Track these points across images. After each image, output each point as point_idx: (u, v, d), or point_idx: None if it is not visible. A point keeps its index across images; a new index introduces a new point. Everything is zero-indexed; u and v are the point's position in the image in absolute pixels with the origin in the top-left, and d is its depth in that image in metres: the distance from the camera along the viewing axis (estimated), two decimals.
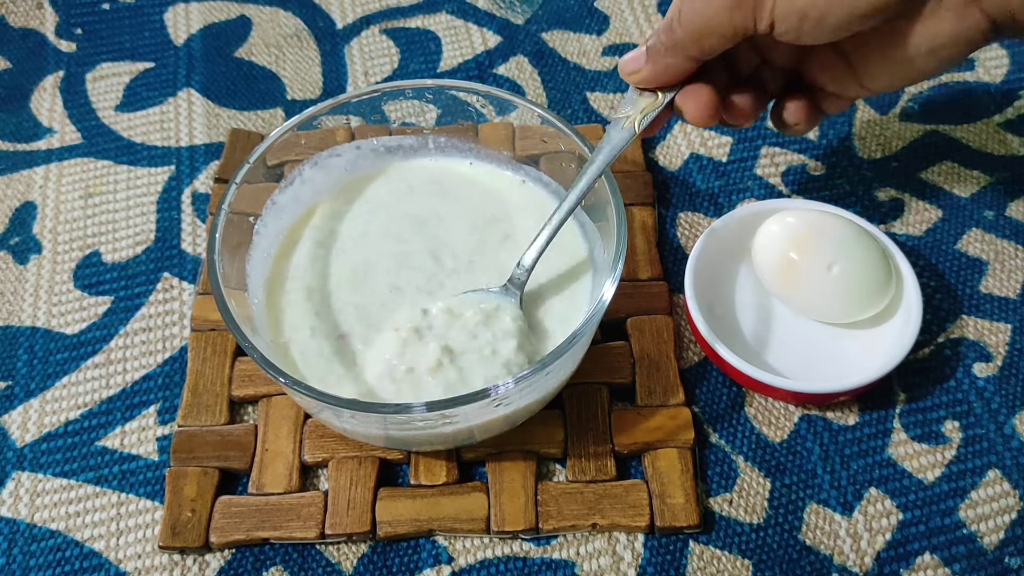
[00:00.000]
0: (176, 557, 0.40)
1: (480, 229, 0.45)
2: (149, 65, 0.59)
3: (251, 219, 0.43)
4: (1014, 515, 0.41)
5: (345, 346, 0.41)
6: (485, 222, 0.45)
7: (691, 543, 0.41)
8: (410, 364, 0.39)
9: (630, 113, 0.40)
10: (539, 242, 0.41)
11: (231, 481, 0.42)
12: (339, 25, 0.61)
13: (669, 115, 0.41)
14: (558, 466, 0.43)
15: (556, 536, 0.41)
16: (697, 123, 0.40)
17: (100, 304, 0.48)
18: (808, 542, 0.41)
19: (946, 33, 0.35)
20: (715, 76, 0.40)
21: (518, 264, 0.41)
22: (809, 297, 0.44)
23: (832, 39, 0.36)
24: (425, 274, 0.43)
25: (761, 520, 0.41)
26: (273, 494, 0.41)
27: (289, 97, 0.57)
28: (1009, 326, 0.47)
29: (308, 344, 0.41)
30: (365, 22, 0.61)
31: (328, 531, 0.40)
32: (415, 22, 0.61)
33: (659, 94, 0.40)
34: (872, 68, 0.38)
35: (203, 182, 0.53)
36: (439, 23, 0.61)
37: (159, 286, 0.49)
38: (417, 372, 0.39)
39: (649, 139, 0.55)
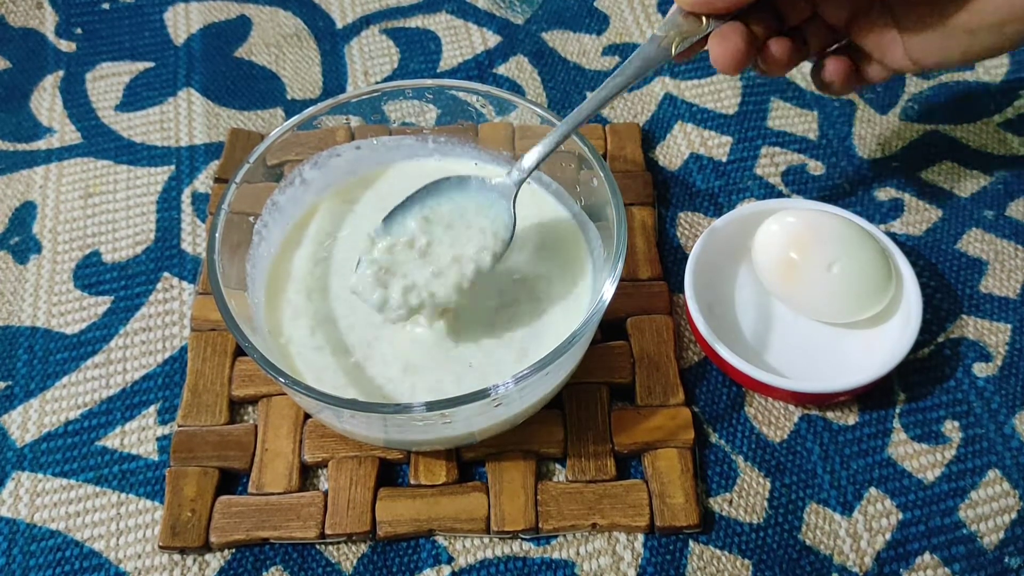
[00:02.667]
0: (176, 557, 0.40)
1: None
2: (149, 65, 0.59)
3: (251, 219, 0.43)
4: (1014, 515, 0.41)
5: (344, 346, 0.41)
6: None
7: (691, 543, 0.41)
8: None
9: (670, 33, 0.38)
10: (546, 143, 0.40)
11: (231, 481, 0.42)
12: (339, 25, 0.61)
13: (704, 45, 0.39)
14: (558, 466, 0.43)
15: (556, 536, 0.41)
16: (722, 67, 0.38)
17: (100, 304, 0.48)
18: (808, 542, 0.41)
19: (1019, 4, 0.31)
20: (758, 20, 0.38)
21: (519, 163, 0.41)
22: (809, 297, 0.44)
23: None
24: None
25: (761, 520, 0.41)
26: (273, 494, 0.41)
27: (289, 97, 0.57)
28: (1009, 326, 0.47)
29: (306, 343, 0.41)
30: (365, 22, 0.61)
31: (328, 531, 0.40)
32: (415, 22, 0.61)
33: (704, 20, 0.38)
34: (924, 38, 0.35)
35: (203, 182, 0.53)
36: (439, 23, 0.61)
37: (159, 286, 0.49)
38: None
39: (649, 139, 0.55)
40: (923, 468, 0.43)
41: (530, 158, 0.40)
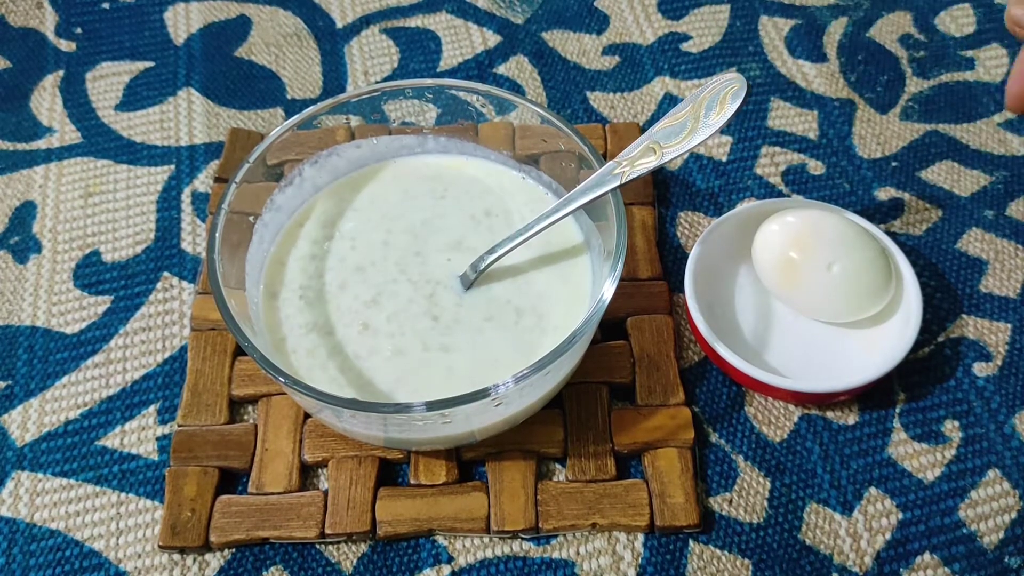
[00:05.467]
0: (176, 557, 0.40)
1: (479, 226, 0.45)
2: (149, 64, 0.59)
3: (251, 218, 0.43)
4: (1014, 515, 0.41)
5: (341, 345, 0.41)
6: (484, 219, 0.45)
7: (691, 543, 0.41)
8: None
9: (622, 162, 0.40)
10: (506, 246, 0.42)
11: (231, 481, 0.42)
12: (339, 24, 0.61)
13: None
14: (558, 466, 0.43)
15: (556, 536, 0.41)
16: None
17: (100, 304, 0.48)
18: (808, 542, 0.41)
19: None
20: None
21: (472, 264, 0.43)
22: (809, 297, 0.44)
23: None
24: (420, 271, 0.43)
25: (761, 520, 0.41)
26: (273, 494, 0.41)
27: (289, 97, 0.57)
28: (1009, 325, 0.47)
29: (300, 341, 0.41)
30: (365, 21, 0.61)
31: (328, 531, 0.40)
32: (415, 21, 0.61)
33: (657, 151, 0.40)
34: None
35: (203, 181, 0.53)
36: (439, 22, 0.61)
37: (159, 286, 0.49)
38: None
39: None
40: (923, 468, 0.43)
41: (487, 258, 0.42)
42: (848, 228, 0.44)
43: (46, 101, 0.57)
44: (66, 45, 0.60)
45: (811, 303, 0.44)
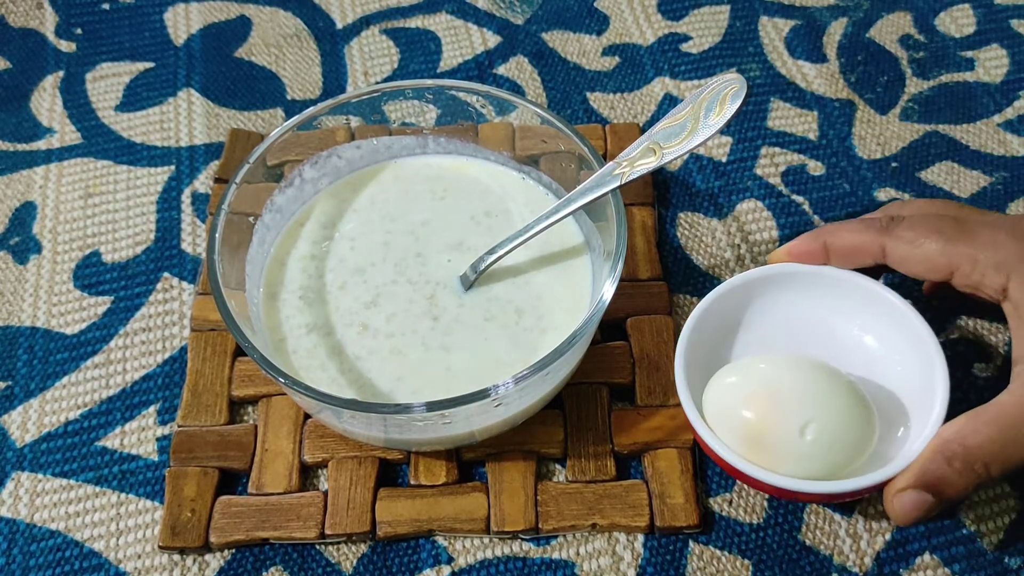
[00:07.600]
0: (176, 557, 0.40)
1: (479, 227, 0.45)
2: (149, 65, 0.59)
3: (251, 219, 0.43)
4: (1014, 515, 0.41)
5: (341, 345, 0.41)
6: (484, 219, 0.45)
7: (691, 543, 0.41)
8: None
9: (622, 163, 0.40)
10: (503, 249, 0.42)
11: (231, 481, 0.42)
12: (339, 25, 0.61)
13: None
14: (558, 466, 0.43)
15: (556, 536, 0.41)
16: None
17: (100, 304, 0.48)
18: (808, 542, 0.41)
19: None
20: None
21: (472, 265, 0.42)
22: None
23: None
24: (420, 272, 0.43)
25: (761, 520, 0.41)
26: (273, 494, 0.41)
27: (289, 97, 0.57)
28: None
29: (300, 342, 0.41)
30: (365, 22, 0.61)
31: (328, 531, 0.40)
32: (415, 22, 0.61)
33: (657, 152, 0.40)
34: None
35: (203, 182, 0.53)
36: (439, 23, 0.61)
37: (159, 286, 0.49)
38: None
39: None
40: None
41: (484, 261, 0.42)
42: (808, 391, 0.37)
43: (46, 102, 0.57)
44: (66, 45, 0.60)
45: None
